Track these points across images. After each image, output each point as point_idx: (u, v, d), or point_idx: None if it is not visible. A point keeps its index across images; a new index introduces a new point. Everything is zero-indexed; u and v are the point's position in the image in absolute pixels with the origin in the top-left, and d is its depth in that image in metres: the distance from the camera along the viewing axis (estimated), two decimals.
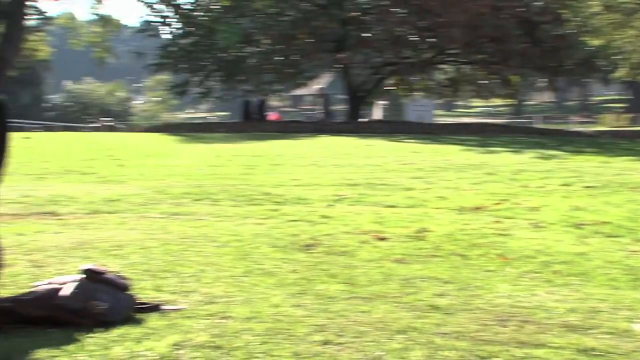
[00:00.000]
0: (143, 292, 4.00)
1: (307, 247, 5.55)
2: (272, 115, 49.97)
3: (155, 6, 36.17)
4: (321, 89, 36.02)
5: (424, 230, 6.36)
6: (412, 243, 5.80)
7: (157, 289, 4.16)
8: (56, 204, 8.19)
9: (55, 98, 70.66)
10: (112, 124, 43.30)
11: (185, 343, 3.12)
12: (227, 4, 33.88)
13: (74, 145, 20.31)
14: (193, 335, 3.23)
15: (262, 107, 35.46)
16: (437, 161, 14.69)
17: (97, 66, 42.10)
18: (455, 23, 29.92)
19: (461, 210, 7.80)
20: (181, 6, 35.82)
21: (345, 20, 33.36)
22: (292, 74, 34.53)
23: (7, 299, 3.45)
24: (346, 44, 33.10)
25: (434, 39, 32.66)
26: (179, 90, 37.10)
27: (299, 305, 3.80)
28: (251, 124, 32.40)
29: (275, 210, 7.96)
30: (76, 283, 3.49)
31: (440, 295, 4.10)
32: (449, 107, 72.74)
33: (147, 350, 3.04)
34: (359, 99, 35.08)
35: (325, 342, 3.19)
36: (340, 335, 3.27)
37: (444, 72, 38.10)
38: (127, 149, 19.03)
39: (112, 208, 8.05)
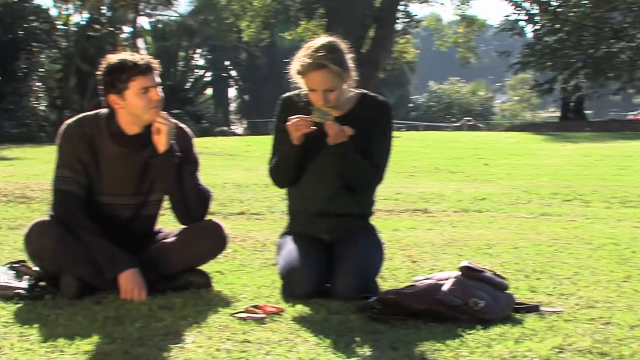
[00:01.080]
0: (518, 292, 3.96)
1: None
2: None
3: (521, 5, 35.92)
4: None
5: None
6: None
7: (532, 289, 4.10)
8: (427, 201, 8.44)
9: (419, 98, 72.89)
10: (472, 123, 43.82)
11: (567, 347, 3.03)
12: None
13: (439, 144, 20.81)
14: (574, 339, 3.12)
15: (579, 105, 33.80)
16: None
17: (460, 66, 42.80)
18: None
19: None
20: (550, 3, 35.14)
21: None
22: None
23: (389, 292, 3.60)
24: None
25: None
26: (544, 88, 36.47)
27: None
28: (571, 122, 31.09)
29: None
30: (454, 279, 3.53)
31: None
32: None
33: (527, 350, 2.99)
34: None
35: None
36: None
37: None
38: (490, 148, 19.12)
39: (480, 207, 8.11)
